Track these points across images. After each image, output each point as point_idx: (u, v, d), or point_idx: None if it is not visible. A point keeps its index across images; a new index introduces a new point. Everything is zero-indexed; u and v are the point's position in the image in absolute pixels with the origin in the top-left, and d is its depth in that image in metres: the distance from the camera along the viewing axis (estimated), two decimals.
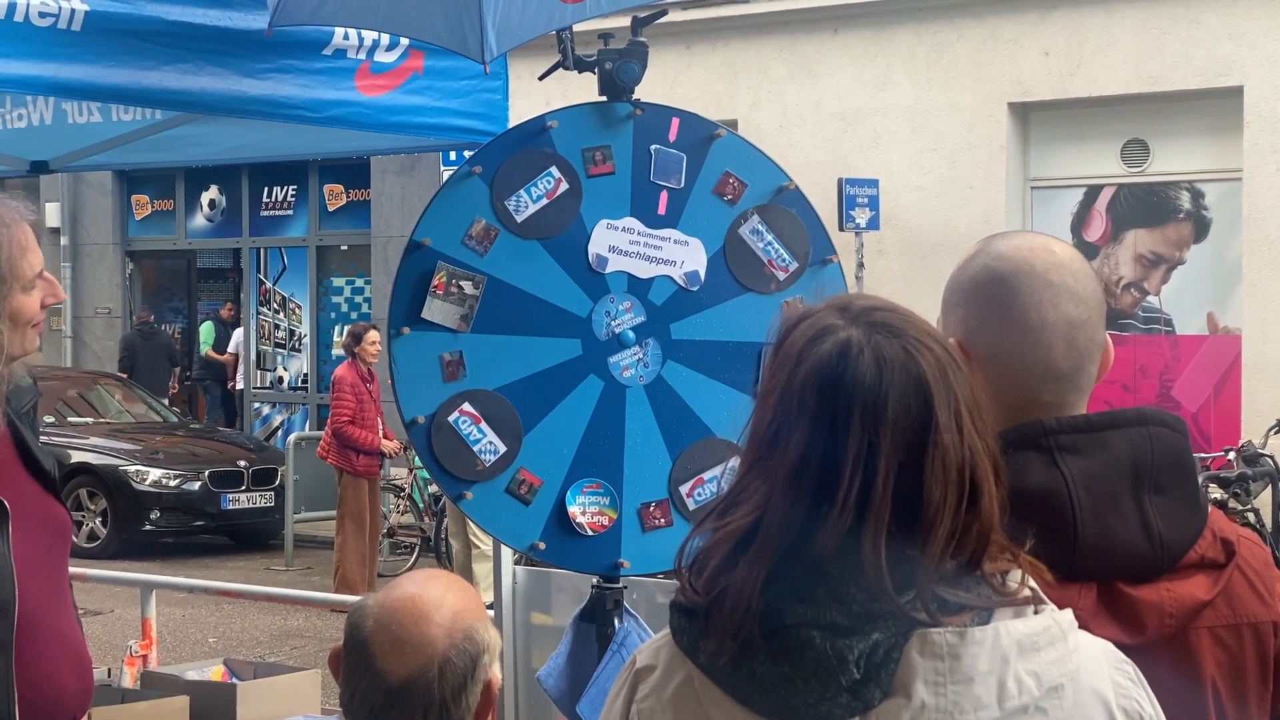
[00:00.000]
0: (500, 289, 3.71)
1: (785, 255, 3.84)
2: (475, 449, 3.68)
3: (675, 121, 3.82)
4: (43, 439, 3.16)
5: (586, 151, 3.77)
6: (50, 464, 3.07)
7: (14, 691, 2.89)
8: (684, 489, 3.75)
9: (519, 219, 3.72)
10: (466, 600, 2.46)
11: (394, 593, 2.48)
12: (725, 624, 1.64)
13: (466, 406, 3.68)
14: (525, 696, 4.60)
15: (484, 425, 3.69)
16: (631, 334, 3.74)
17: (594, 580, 3.80)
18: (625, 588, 3.81)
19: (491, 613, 4.50)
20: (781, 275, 3.82)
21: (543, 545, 3.72)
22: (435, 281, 3.68)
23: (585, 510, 3.72)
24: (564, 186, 3.75)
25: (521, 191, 3.73)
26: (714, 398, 3.76)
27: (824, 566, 1.64)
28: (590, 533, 3.72)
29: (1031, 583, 1.72)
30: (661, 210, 3.81)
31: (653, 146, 3.80)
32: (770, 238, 3.84)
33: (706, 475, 3.73)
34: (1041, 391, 2.03)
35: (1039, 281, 2.03)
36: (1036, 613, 1.69)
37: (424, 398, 3.68)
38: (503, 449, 3.69)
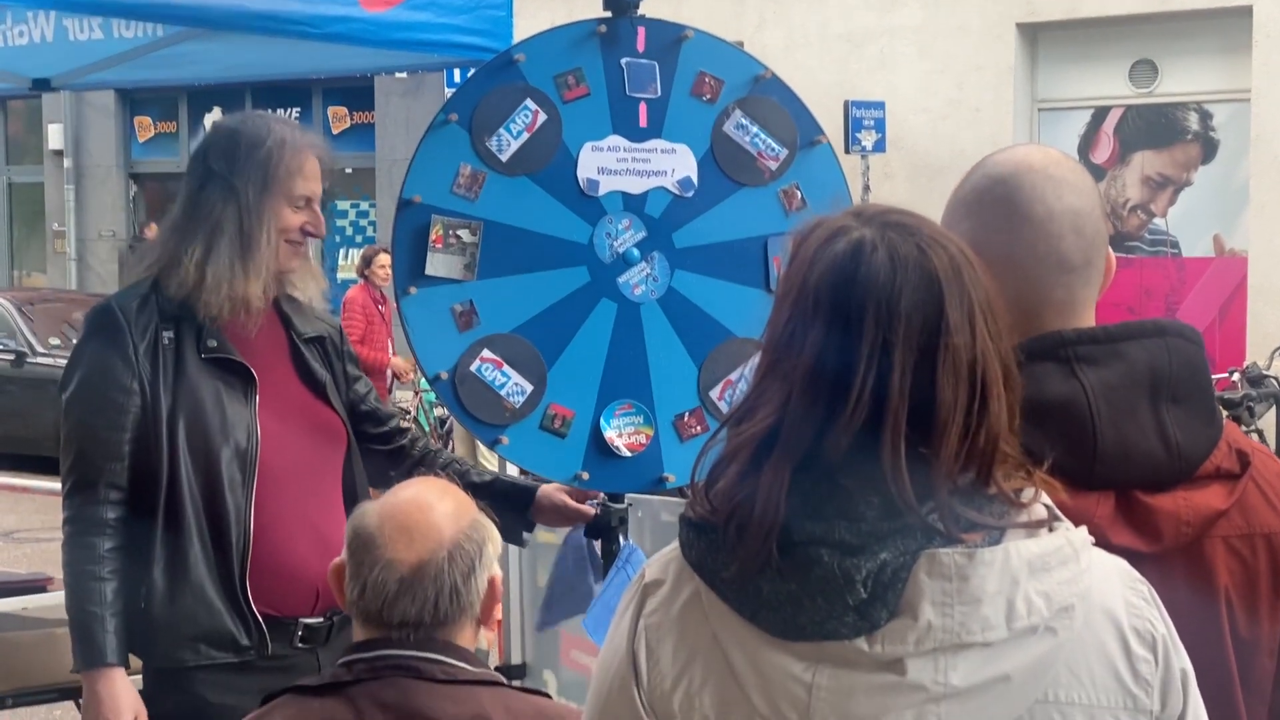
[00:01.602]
0: (498, 231, 3.68)
1: (773, 144, 3.82)
2: (502, 393, 3.68)
3: (640, 31, 3.78)
4: (49, 360, 3.38)
5: (558, 78, 3.73)
6: (324, 377, 3.45)
7: (250, 523, 3.25)
8: (714, 393, 3.75)
9: (504, 158, 3.69)
10: (463, 498, 2.53)
11: (394, 495, 2.54)
12: (752, 532, 1.62)
13: (486, 353, 3.67)
14: (530, 612, 4.63)
15: (507, 368, 3.68)
16: (635, 251, 3.72)
17: (598, 497, 3.80)
18: (630, 505, 3.81)
19: (498, 542, 4.54)
20: (773, 165, 3.81)
21: (586, 475, 3.72)
22: (432, 236, 3.65)
23: (621, 433, 3.72)
24: (542, 117, 3.71)
25: (501, 130, 3.69)
26: (727, 298, 3.76)
27: (838, 479, 1.63)
28: (629, 454, 3.72)
29: (1047, 500, 1.71)
30: (643, 123, 3.77)
31: (623, 60, 3.76)
32: (755, 130, 3.81)
33: (734, 376, 3.73)
34: (1055, 287, 2.03)
35: (1039, 176, 2.04)
36: (1051, 531, 1.67)
37: (443, 352, 3.67)
38: (529, 388, 3.68)
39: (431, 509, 2.47)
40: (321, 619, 3.34)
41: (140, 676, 3.39)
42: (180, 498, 3.23)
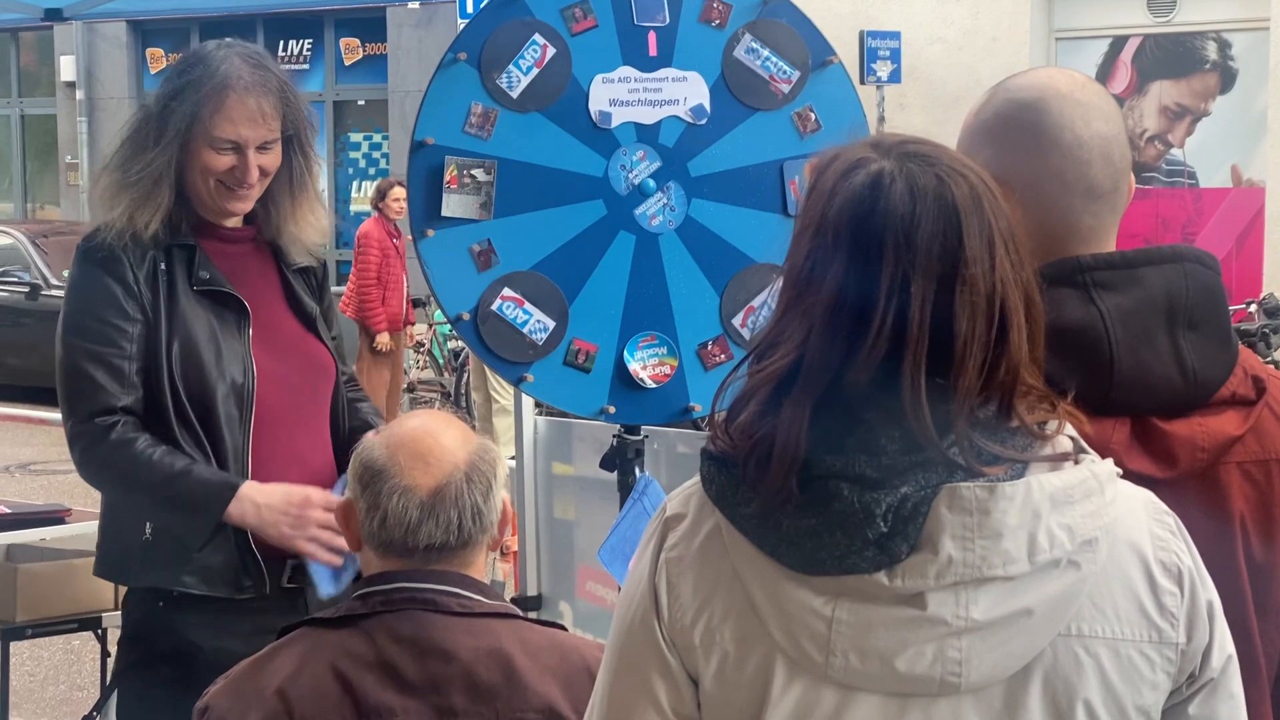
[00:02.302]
0: (512, 169, 3.66)
1: (785, 67, 3.78)
2: (524, 331, 3.66)
3: None
4: (63, 293, 3.33)
5: (565, 10, 3.68)
6: (313, 309, 3.38)
7: (249, 462, 3.20)
8: (736, 321, 3.73)
9: (514, 95, 3.65)
10: (464, 425, 2.55)
11: (398, 426, 2.55)
12: (773, 467, 1.62)
13: (507, 291, 3.65)
14: (547, 544, 4.64)
15: (528, 306, 3.66)
16: (651, 182, 3.69)
17: (615, 429, 3.80)
18: (646, 438, 3.81)
19: (514, 463, 4.56)
20: (785, 88, 3.77)
21: (612, 409, 3.72)
22: (447, 177, 3.63)
23: (645, 365, 3.71)
24: (551, 51, 3.67)
25: (510, 66, 3.65)
26: (745, 224, 3.73)
27: (859, 413, 1.63)
28: (654, 385, 3.71)
29: (1072, 432, 1.70)
30: (653, 52, 3.74)
31: None
32: (766, 53, 3.77)
33: (756, 302, 3.71)
34: (1083, 214, 2.01)
35: (1067, 102, 2.02)
36: (1076, 464, 1.67)
37: (463, 293, 3.65)
38: (551, 325, 3.67)
39: (441, 434, 2.48)
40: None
41: (120, 614, 3.37)
42: (180, 434, 3.17)
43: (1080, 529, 1.63)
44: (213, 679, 2.90)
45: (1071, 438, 1.70)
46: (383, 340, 12.50)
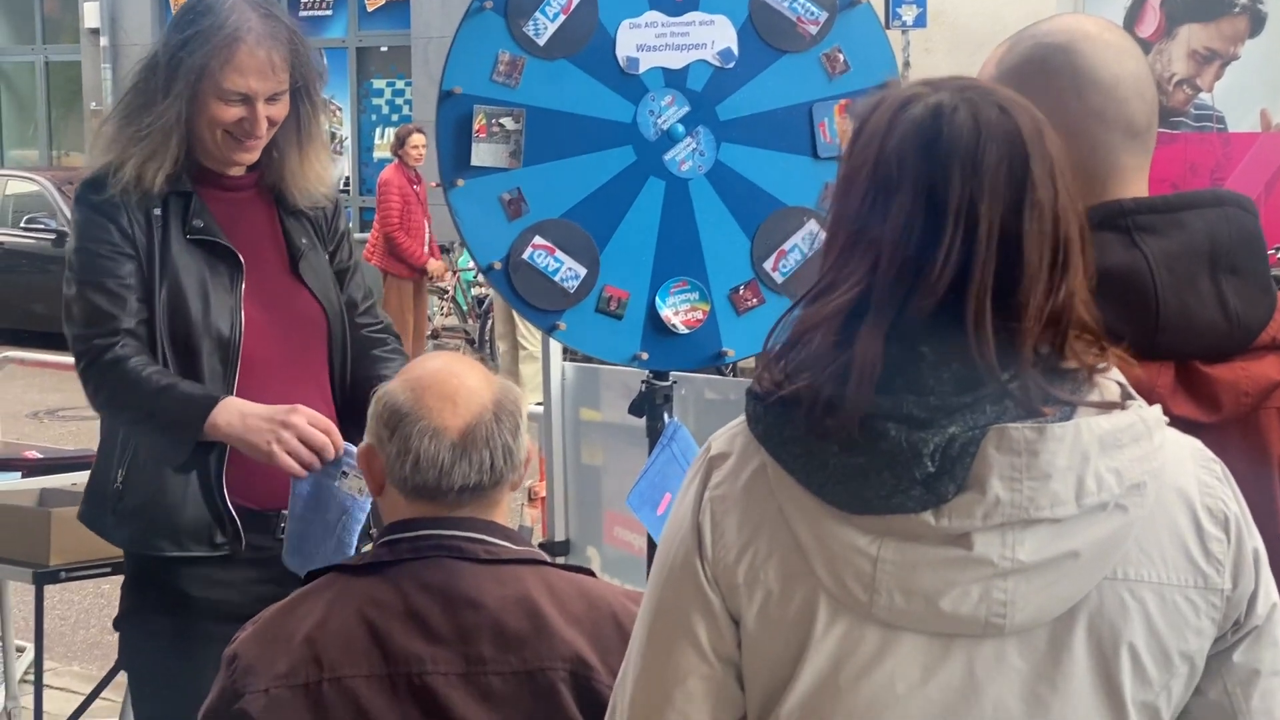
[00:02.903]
0: (541, 117, 3.66)
1: (812, 8, 3.75)
2: (556, 279, 3.67)
3: None
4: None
5: None
6: (308, 255, 3.31)
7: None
8: (768, 265, 3.72)
9: (541, 42, 3.65)
10: (484, 366, 2.55)
11: (418, 368, 2.54)
12: (851, 398, 1.61)
13: (538, 240, 3.65)
14: (575, 490, 4.65)
15: (559, 254, 3.67)
16: (680, 127, 3.68)
17: (643, 375, 3.81)
18: (674, 383, 3.81)
19: (540, 409, 4.57)
20: (814, 29, 3.74)
21: (645, 355, 3.73)
22: (476, 126, 3.63)
23: (678, 310, 3.72)
24: None
25: (537, 14, 3.64)
26: (775, 168, 3.71)
27: (918, 346, 1.63)
28: (687, 330, 3.72)
29: (1120, 377, 1.70)
30: None
31: None
32: None
33: (787, 245, 3.70)
34: (1123, 153, 2.02)
35: (1098, 43, 2.03)
36: (1124, 409, 1.66)
37: (494, 242, 3.66)
38: (583, 272, 3.68)
39: (465, 375, 2.48)
40: None
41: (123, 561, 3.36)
42: None
43: (1128, 473, 1.63)
44: (210, 628, 2.90)
45: (1119, 383, 1.69)
46: (434, 266, 12.59)
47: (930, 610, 1.62)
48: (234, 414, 3.07)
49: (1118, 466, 1.62)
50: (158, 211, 3.18)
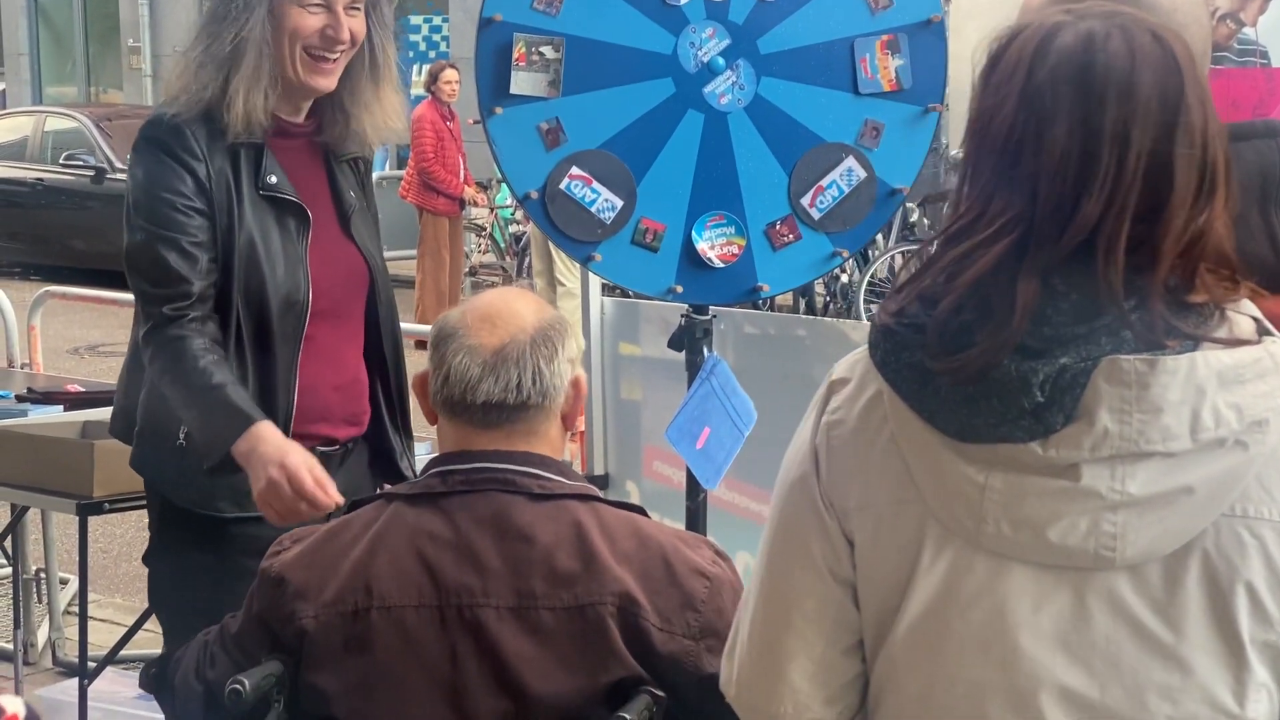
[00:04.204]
0: (581, 46, 3.63)
1: None
2: (592, 210, 3.65)
3: None
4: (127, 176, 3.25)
5: None
6: (353, 204, 3.29)
7: (296, 379, 3.16)
8: (805, 200, 3.70)
9: None
10: (544, 302, 2.57)
11: (474, 299, 2.57)
12: (1013, 326, 1.60)
13: (575, 170, 3.63)
14: (614, 424, 4.66)
15: (596, 185, 3.65)
16: (721, 60, 3.65)
17: (682, 309, 3.81)
18: (714, 317, 3.81)
19: (580, 344, 4.57)
20: None
21: (680, 288, 3.72)
22: (515, 54, 3.60)
23: (714, 244, 3.70)
24: None
25: None
26: (815, 103, 3.68)
27: (1049, 277, 1.62)
28: (722, 265, 3.70)
29: (1255, 312, 1.69)
30: None
31: None
32: None
33: (825, 182, 3.68)
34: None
35: None
36: (1255, 344, 1.64)
37: (531, 171, 3.64)
38: (620, 203, 3.66)
39: (515, 300, 2.51)
40: (336, 446, 3.28)
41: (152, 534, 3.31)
42: (231, 343, 3.10)
43: (1250, 409, 1.61)
44: (247, 563, 2.79)
45: (1254, 318, 1.68)
46: (471, 194, 12.65)
47: (1038, 540, 1.62)
48: (251, 440, 2.94)
49: (1238, 402, 1.60)
50: (227, 164, 3.10)
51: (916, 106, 3.65)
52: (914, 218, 12.56)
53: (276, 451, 2.93)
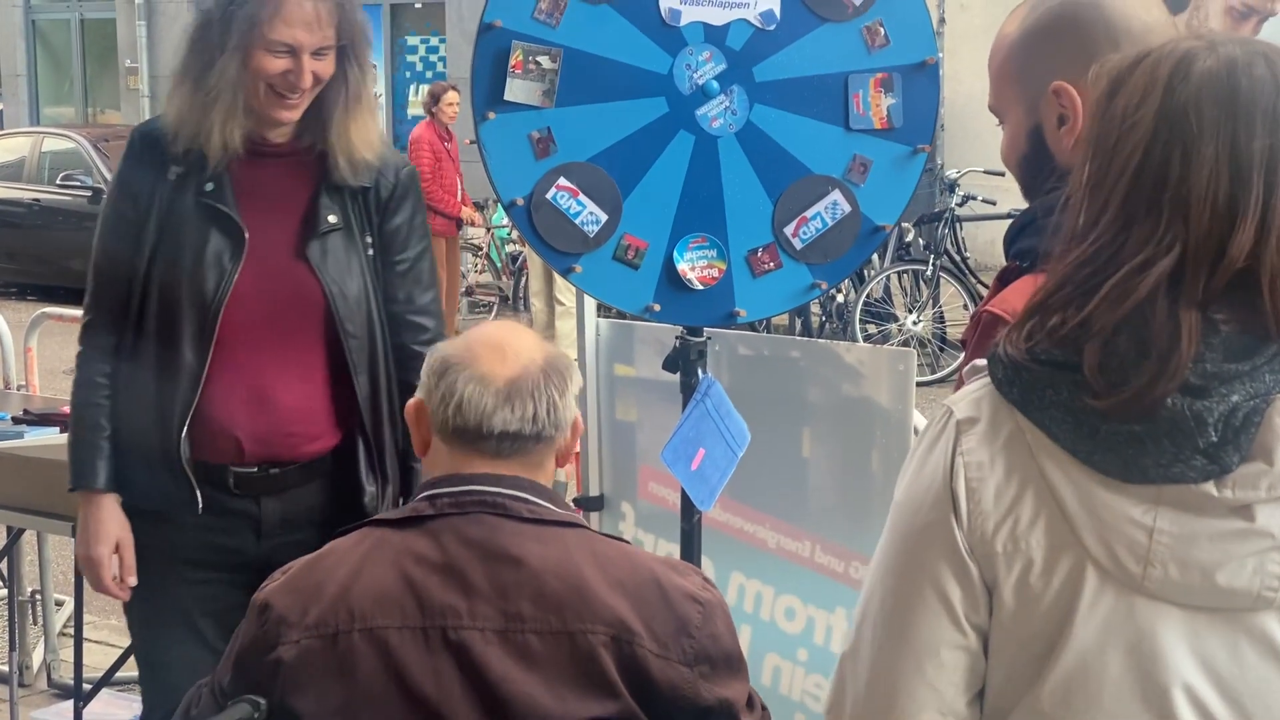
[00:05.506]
0: (578, 59, 3.64)
1: None
2: (577, 221, 3.66)
3: None
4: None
5: None
6: (322, 232, 3.32)
7: (202, 381, 3.24)
8: (788, 230, 3.70)
9: None
10: (541, 336, 2.54)
11: (472, 332, 2.53)
12: (1174, 367, 1.57)
13: (563, 181, 3.64)
14: (609, 445, 4.65)
15: (582, 197, 3.65)
16: (715, 83, 3.67)
17: (677, 331, 3.81)
18: (709, 339, 3.81)
19: (579, 381, 4.54)
20: (857, 0, 3.71)
21: (657, 306, 3.71)
22: (512, 61, 3.61)
23: (694, 265, 3.70)
24: None
25: None
26: (805, 134, 3.69)
27: (1208, 311, 1.59)
28: (701, 287, 3.70)
29: None
30: None
31: None
32: None
33: (809, 213, 3.68)
34: None
35: None
36: None
37: (519, 179, 3.64)
38: (604, 218, 3.66)
39: (519, 334, 2.49)
40: (255, 469, 3.32)
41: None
42: (135, 341, 3.28)
43: None
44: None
45: None
46: (468, 214, 12.67)
47: (1206, 584, 1.60)
48: (83, 504, 3.33)
49: None
50: (179, 169, 3.28)
51: (906, 146, 3.66)
52: (909, 238, 12.56)
53: (91, 536, 3.30)
